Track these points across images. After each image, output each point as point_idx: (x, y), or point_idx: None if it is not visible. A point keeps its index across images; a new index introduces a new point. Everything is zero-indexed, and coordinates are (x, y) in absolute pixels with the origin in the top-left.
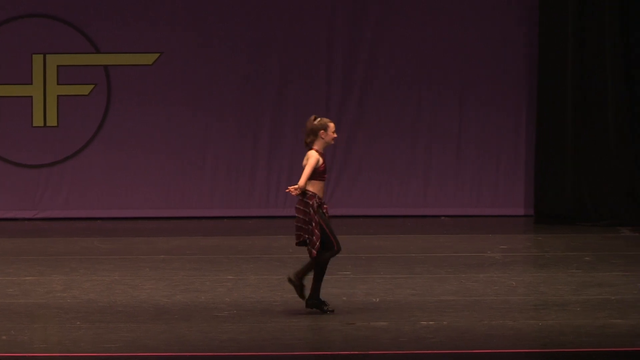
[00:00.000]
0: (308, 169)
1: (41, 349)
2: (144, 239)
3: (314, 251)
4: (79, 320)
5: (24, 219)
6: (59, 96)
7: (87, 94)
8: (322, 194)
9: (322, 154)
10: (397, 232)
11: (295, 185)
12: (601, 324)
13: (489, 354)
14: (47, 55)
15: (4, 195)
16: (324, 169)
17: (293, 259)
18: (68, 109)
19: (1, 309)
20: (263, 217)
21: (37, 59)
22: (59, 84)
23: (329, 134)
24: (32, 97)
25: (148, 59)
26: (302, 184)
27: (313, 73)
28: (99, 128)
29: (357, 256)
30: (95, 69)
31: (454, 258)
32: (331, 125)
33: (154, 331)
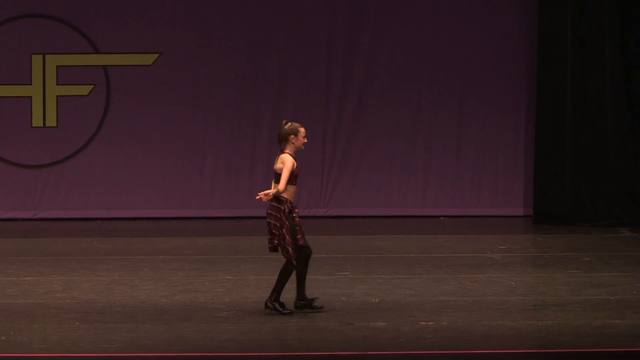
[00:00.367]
0: (286, 172)
1: (40, 349)
2: (144, 239)
3: (294, 262)
4: (78, 320)
5: (23, 219)
6: (58, 96)
7: (86, 94)
8: (293, 198)
9: (295, 158)
10: (397, 232)
11: (271, 190)
12: (600, 324)
13: (488, 354)
14: (46, 56)
15: (3, 196)
16: (297, 174)
17: None
18: (67, 109)
19: (0, 309)
20: (262, 217)
21: (37, 59)
22: (58, 84)
23: (300, 139)
24: (31, 97)
25: (147, 59)
26: (282, 188)
27: (313, 73)
28: (98, 128)
29: (357, 256)
30: (95, 69)
31: (453, 258)
32: (302, 130)
33: (154, 331)
